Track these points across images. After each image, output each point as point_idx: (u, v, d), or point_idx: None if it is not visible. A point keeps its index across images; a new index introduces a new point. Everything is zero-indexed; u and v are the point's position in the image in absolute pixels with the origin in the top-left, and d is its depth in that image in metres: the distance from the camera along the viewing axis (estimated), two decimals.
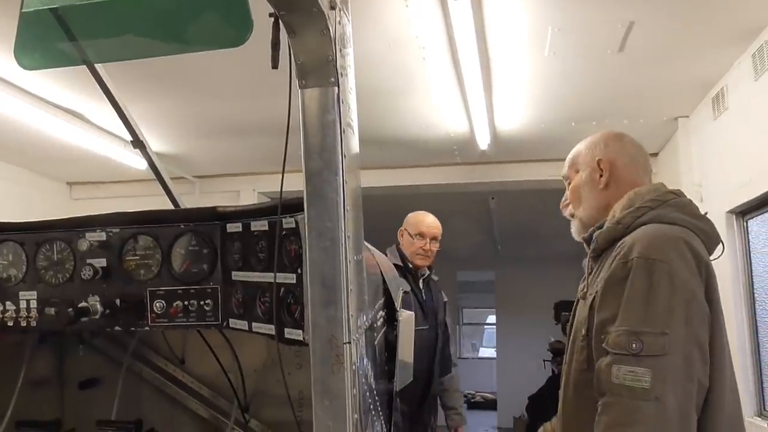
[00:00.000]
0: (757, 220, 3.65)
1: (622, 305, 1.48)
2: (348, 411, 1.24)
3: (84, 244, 1.71)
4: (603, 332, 1.50)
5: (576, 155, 1.86)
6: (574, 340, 1.66)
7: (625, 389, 1.42)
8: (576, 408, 1.63)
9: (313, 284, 1.24)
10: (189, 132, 4.90)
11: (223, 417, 2.37)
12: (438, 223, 3.46)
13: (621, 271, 1.51)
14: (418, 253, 3.36)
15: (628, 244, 1.54)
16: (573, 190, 1.84)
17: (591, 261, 1.72)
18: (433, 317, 3.36)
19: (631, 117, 4.46)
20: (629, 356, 1.43)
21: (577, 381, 1.62)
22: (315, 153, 1.26)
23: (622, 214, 1.65)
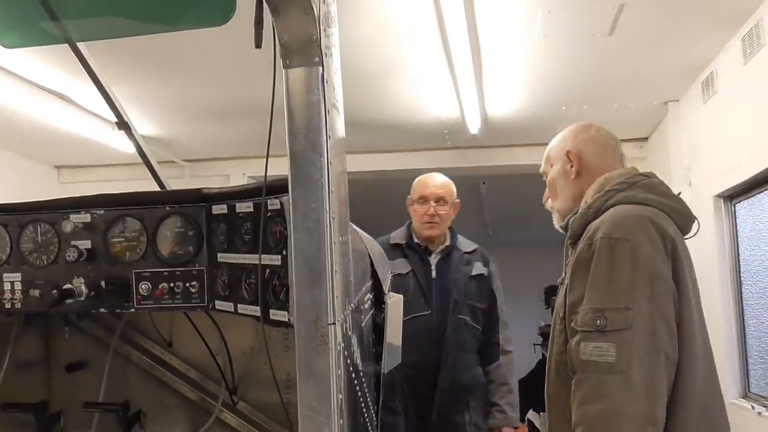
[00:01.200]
0: (745, 204, 3.68)
1: (587, 285, 1.52)
2: (333, 391, 1.25)
3: (68, 226, 1.70)
4: (573, 313, 1.55)
5: (549, 150, 1.94)
6: (553, 324, 1.72)
7: (592, 364, 1.46)
8: (557, 389, 1.67)
9: (298, 265, 1.24)
10: (178, 115, 4.87)
11: (211, 399, 2.37)
12: (444, 181, 2.95)
13: (586, 253, 1.56)
14: (424, 222, 2.88)
15: (594, 227, 1.58)
16: (550, 184, 1.92)
17: (569, 247, 1.76)
18: (443, 300, 2.85)
19: (621, 101, 4.46)
20: (594, 332, 1.47)
21: (558, 363, 1.66)
22: (299, 134, 1.25)
23: (593, 198, 1.70)
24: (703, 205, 4.00)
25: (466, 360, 2.82)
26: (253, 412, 2.38)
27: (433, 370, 2.77)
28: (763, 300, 3.43)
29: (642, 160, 5.30)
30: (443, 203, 2.87)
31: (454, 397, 2.79)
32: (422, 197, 2.88)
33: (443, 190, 2.89)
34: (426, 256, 2.90)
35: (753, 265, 3.57)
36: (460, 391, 2.79)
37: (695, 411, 1.52)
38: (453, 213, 2.94)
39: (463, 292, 2.84)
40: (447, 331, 2.79)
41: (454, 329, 2.80)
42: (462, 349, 2.81)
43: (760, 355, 3.50)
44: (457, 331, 2.80)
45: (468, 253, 2.94)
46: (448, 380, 2.77)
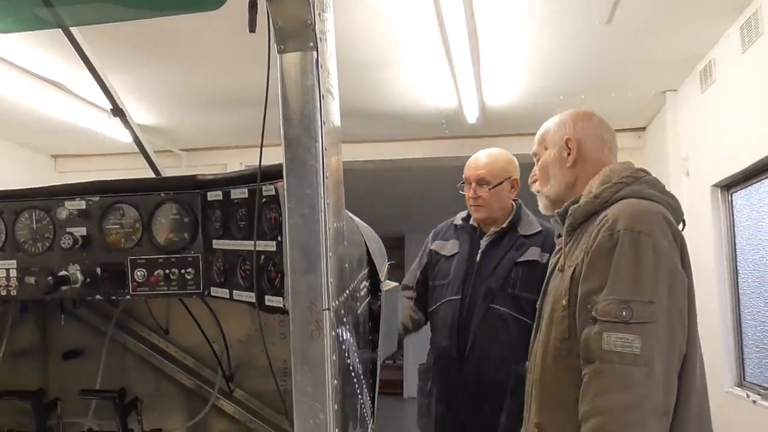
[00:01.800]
0: (742, 193, 3.68)
1: (610, 275, 1.53)
2: (327, 377, 1.25)
3: (63, 213, 1.70)
4: (589, 301, 1.55)
5: (545, 133, 1.91)
6: (552, 310, 1.71)
7: (616, 355, 1.47)
8: (556, 376, 1.68)
9: (293, 251, 1.24)
10: (175, 104, 4.85)
11: (208, 387, 2.38)
12: (488, 160, 2.69)
13: (608, 243, 1.56)
14: (470, 205, 2.69)
15: (612, 217, 1.59)
16: (542, 167, 1.90)
17: (566, 235, 1.76)
18: (479, 286, 2.61)
19: (619, 90, 4.45)
20: (619, 323, 1.48)
21: (558, 349, 1.66)
22: (294, 119, 1.24)
23: (600, 189, 1.71)
24: (701, 195, 4.00)
25: (500, 354, 2.52)
26: (249, 399, 2.39)
27: (457, 360, 2.60)
28: (760, 289, 3.44)
29: (640, 150, 5.30)
30: (484, 184, 2.63)
31: (485, 394, 2.54)
32: (465, 179, 2.71)
33: (484, 170, 2.64)
34: (477, 239, 2.70)
35: (749, 254, 3.58)
36: (491, 388, 2.52)
37: (696, 400, 1.55)
38: (506, 192, 2.67)
39: (501, 280, 2.57)
40: (474, 320, 2.58)
41: (483, 319, 2.56)
42: (494, 341, 2.54)
43: (755, 344, 3.52)
44: (487, 321, 2.55)
45: (527, 236, 2.63)
46: (475, 373, 2.56)
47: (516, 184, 2.70)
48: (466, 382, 2.58)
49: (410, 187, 7.54)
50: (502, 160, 2.71)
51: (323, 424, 1.25)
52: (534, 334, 1.87)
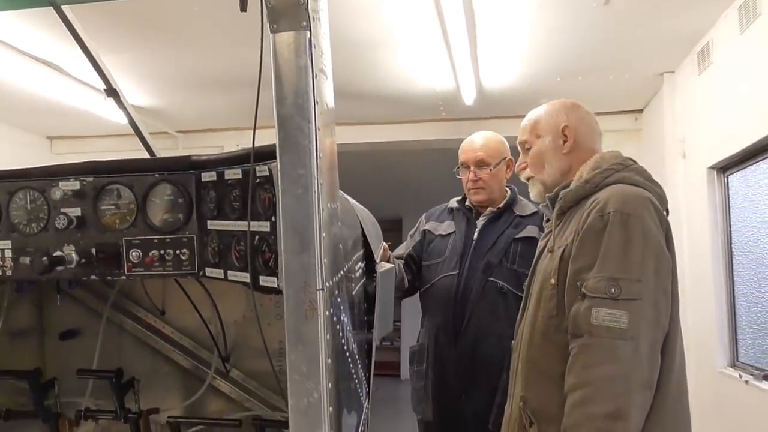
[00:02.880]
0: (738, 175, 3.68)
1: (600, 254, 1.60)
2: (321, 356, 1.26)
3: (57, 193, 1.69)
4: (578, 279, 1.62)
5: (536, 121, 1.96)
6: (541, 289, 1.78)
7: (604, 330, 1.53)
8: (543, 352, 1.74)
9: (286, 231, 1.24)
10: (171, 85, 4.83)
11: (204, 367, 2.40)
12: (485, 142, 2.70)
13: (598, 224, 1.62)
14: (469, 189, 2.71)
15: (603, 200, 1.66)
16: (535, 155, 1.94)
17: (556, 218, 1.83)
18: (477, 262, 2.61)
19: (616, 72, 4.43)
20: (607, 299, 1.55)
21: (546, 327, 1.73)
22: (287, 99, 1.24)
23: (591, 174, 1.79)
24: (697, 177, 4.01)
25: (498, 329, 2.50)
26: (246, 379, 2.41)
27: (453, 335, 2.60)
28: (754, 270, 3.46)
29: (637, 132, 5.29)
30: (484, 166, 2.65)
31: (480, 369, 2.54)
32: (463, 163, 2.72)
33: (483, 152, 2.66)
34: (474, 219, 2.73)
35: (744, 236, 3.59)
36: (486, 364, 2.53)
37: (675, 377, 1.64)
38: (503, 173, 2.71)
39: (501, 255, 2.58)
40: (472, 293, 2.58)
41: (482, 292, 2.56)
42: (492, 316, 2.54)
43: (749, 325, 3.55)
44: (485, 294, 2.56)
45: (523, 216, 2.67)
46: (470, 348, 2.56)
47: (511, 164, 2.71)
48: (461, 357, 2.59)
49: (407, 170, 7.53)
50: (496, 140, 2.74)
51: (317, 403, 1.26)
52: (521, 313, 1.93)
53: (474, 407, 2.57)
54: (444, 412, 2.64)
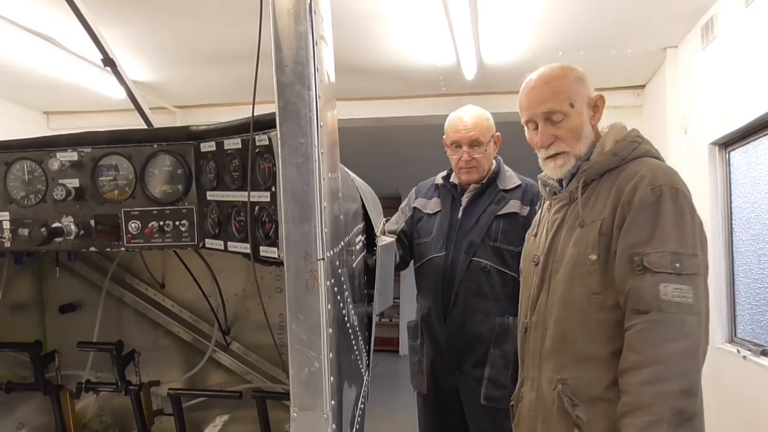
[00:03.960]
0: (739, 151, 3.66)
1: (656, 229, 1.58)
2: (322, 326, 1.26)
3: (55, 164, 1.68)
4: (635, 253, 1.58)
5: (566, 89, 1.77)
6: (575, 265, 1.70)
7: (674, 305, 1.52)
8: (584, 331, 1.67)
9: (287, 200, 1.23)
10: (169, 60, 4.77)
11: (205, 340, 2.40)
12: (476, 120, 2.62)
13: (650, 198, 1.60)
14: (460, 167, 2.65)
15: (648, 173, 1.64)
16: (573, 128, 1.77)
17: (579, 191, 1.76)
18: (462, 241, 2.63)
19: (619, 47, 4.38)
20: (672, 275, 1.54)
21: (587, 304, 1.66)
22: (287, 66, 1.22)
23: (617, 146, 1.75)
24: (698, 153, 3.98)
25: (485, 306, 2.56)
26: (246, 352, 2.42)
27: (442, 315, 2.63)
28: (754, 246, 3.45)
29: (638, 108, 5.25)
30: (478, 145, 2.60)
31: (470, 346, 2.59)
32: (455, 143, 2.64)
33: (476, 130, 2.59)
34: (459, 196, 2.71)
35: (745, 212, 3.58)
36: (475, 340, 2.57)
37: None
38: (494, 149, 2.67)
39: (483, 233, 2.58)
40: (457, 274, 2.60)
41: (466, 272, 2.58)
42: (477, 294, 2.57)
43: (747, 301, 3.55)
44: (470, 274, 2.57)
45: (506, 190, 2.64)
46: (459, 326, 2.59)
47: (498, 140, 2.71)
48: (451, 335, 2.62)
49: (406, 146, 7.49)
50: (485, 117, 2.68)
51: (318, 373, 1.26)
52: (536, 291, 1.83)
53: (466, 382, 2.60)
54: (437, 386, 2.68)
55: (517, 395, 1.96)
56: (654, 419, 1.47)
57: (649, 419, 1.47)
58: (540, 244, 1.87)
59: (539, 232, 1.93)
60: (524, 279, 1.96)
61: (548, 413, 1.73)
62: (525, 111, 1.84)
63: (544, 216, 1.94)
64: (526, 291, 1.91)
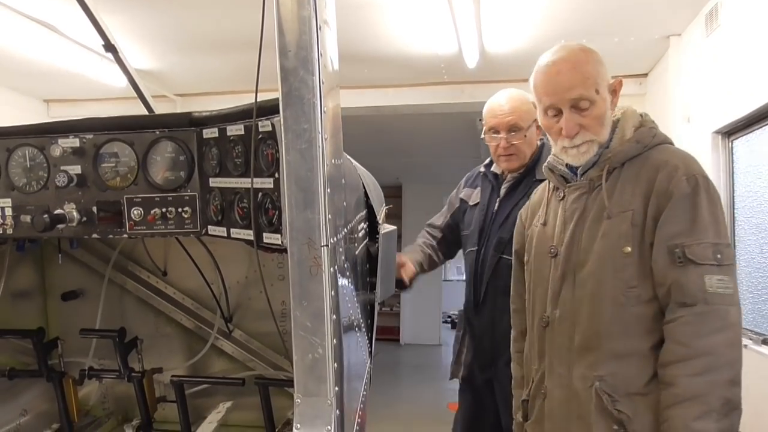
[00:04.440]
0: (742, 140, 3.65)
1: (695, 219, 1.56)
2: (326, 312, 1.26)
3: (57, 150, 1.67)
4: (675, 245, 1.56)
5: (592, 74, 1.67)
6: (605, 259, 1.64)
7: (718, 297, 1.53)
8: (622, 326, 1.63)
9: (290, 187, 1.23)
10: (170, 47, 4.75)
11: (207, 327, 2.41)
12: (514, 104, 2.48)
13: (686, 188, 1.58)
14: (499, 155, 2.52)
15: (680, 163, 1.63)
16: (598, 116, 1.69)
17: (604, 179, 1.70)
18: (492, 236, 2.54)
19: (622, 35, 4.36)
20: (714, 266, 1.54)
21: (623, 298, 1.62)
22: (290, 51, 1.21)
23: (638, 133, 1.72)
24: (702, 142, 3.97)
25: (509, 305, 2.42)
26: (248, 339, 2.42)
27: (474, 310, 2.60)
28: (756, 236, 3.45)
29: (641, 96, 5.23)
30: (517, 130, 2.46)
31: (500, 344, 2.45)
32: (491, 128, 2.51)
33: (514, 115, 2.46)
34: (498, 187, 2.59)
35: (747, 201, 3.57)
36: (505, 339, 2.40)
37: None
38: (534, 136, 2.52)
39: (512, 230, 2.34)
40: (486, 271, 2.53)
41: (494, 270, 2.49)
42: (504, 291, 2.38)
43: (749, 290, 3.55)
44: (497, 272, 2.47)
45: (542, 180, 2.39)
46: (489, 323, 2.52)
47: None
48: (483, 331, 2.59)
49: (407, 135, 7.46)
50: (526, 101, 2.50)
51: (322, 359, 1.26)
52: (557, 284, 1.75)
53: (501, 378, 2.51)
54: (471, 376, 2.68)
55: (536, 391, 1.86)
56: (705, 409, 1.48)
57: (701, 409, 1.48)
58: (556, 234, 1.79)
59: (548, 220, 1.84)
60: (537, 271, 1.86)
61: (585, 411, 1.67)
62: (548, 97, 1.72)
63: (552, 203, 1.86)
64: (542, 283, 1.82)
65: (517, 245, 2.06)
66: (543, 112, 1.77)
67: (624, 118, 1.75)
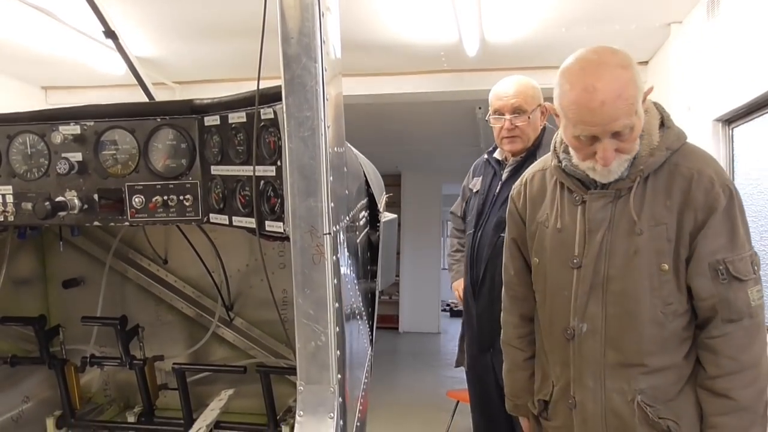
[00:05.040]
0: (743, 128, 3.64)
1: (735, 233, 1.56)
2: (329, 300, 1.26)
3: (58, 137, 1.67)
4: (717, 261, 1.55)
5: (634, 97, 1.52)
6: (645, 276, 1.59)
7: (759, 309, 1.57)
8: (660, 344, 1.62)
9: (293, 175, 1.23)
10: (169, 34, 4.71)
11: (208, 315, 2.41)
12: (519, 87, 2.54)
13: (723, 200, 1.56)
14: (503, 137, 2.55)
15: (713, 173, 1.59)
16: (636, 137, 1.58)
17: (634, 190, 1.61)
18: (492, 217, 2.57)
19: (623, 22, 4.33)
20: (753, 279, 1.57)
21: (663, 316, 1.60)
22: (292, 38, 1.20)
23: (667, 138, 1.63)
24: (702, 130, 3.96)
25: None
26: (249, 327, 2.43)
27: (472, 292, 2.63)
28: (756, 223, 3.45)
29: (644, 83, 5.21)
30: (521, 113, 2.50)
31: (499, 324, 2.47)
32: (496, 111, 2.56)
33: (518, 98, 2.51)
34: (500, 172, 2.62)
35: (747, 188, 3.57)
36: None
37: None
38: (539, 120, 2.56)
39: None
40: (484, 251, 2.55)
41: (493, 249, 2.51)
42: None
43: None
44: (495, 251, 2.47)
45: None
46: (488, 305, 2.52)
47: (546, 111, 2.59)
48: (481, 313, 2.60)
49: (407, 123, 7.44)
50: (531, 86, 2.58)
51: (325, 347, 1.27)
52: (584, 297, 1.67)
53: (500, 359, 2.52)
54: (474, 363, 2.71)
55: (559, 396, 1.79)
56: (754, 418, 1.57)
57: (751, 419, 1.56)
58: (577, 243, 1.69)
59: (565, 226, 1.72)
60: (554, 279, 1.76)
61: (625, 425, 1.65)
62: (586, 126, 1.55)
63: (567, 207, 1.73)
64: (561, 292, 1.73)
65: (516, 235, 1.95)
66: (574, 136, 1.60)
67: (647, 119, 1.63)
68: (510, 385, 2.01)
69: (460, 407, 4.90)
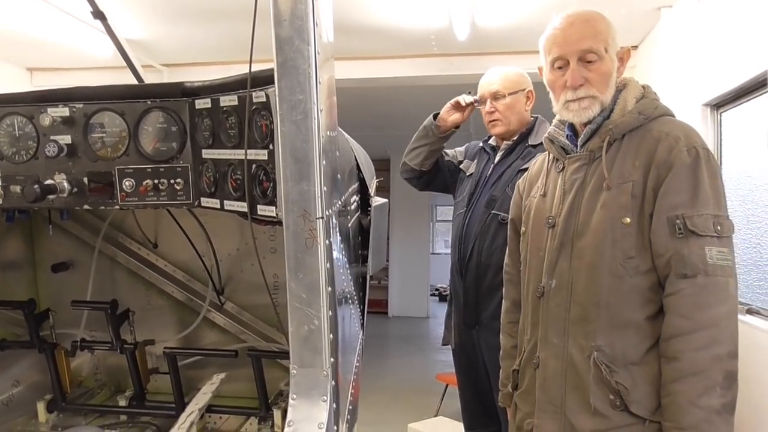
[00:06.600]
0: (731, 113, 3.67)
1: (697, 191, 1.57)
2: (322, 284, 1.26)
3: (46, 120, 1.65)
4: (676, 216, 1.56)
5: (604, 31, 1.70)
6: (605, 229, 1.64)
7: (719, 269, 1.53)
8: (620, 297, 1.63)
9: (285, 159, 1.22)
10: (157, 15, 4.65)
11: (199, 300, 2.41)
12: (500, 74, 2.67)
13: (687, 159, 1.58)
14: (488, 122, 2.71)
15: (681, 134, 1.62)
16: (605, 73, 1.69)
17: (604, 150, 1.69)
18: (483, 195, 2.64)
19: (613, 6, 4.32)
20: (714, 238, 1.54)
21: (623, 269, 1.62)
22: (285, 20, 1.20)
23: (641, 105, 1.71)
24: (691, 114, 3.98)
25: (498, 260, 2.42)
26: (240, 311, 2.43)
27: (460, 270, 2.68)
28: (742, 207, 3.49)
29: (632, 68, 5.21)
30: (500, 97, 2.63)
31: (485, 299, 2.59)
32: (481, 98, 2.69)
33: (497, 84, 2.64)
34: (493, 156, 2.73)
35: (734, 173, 3.60)
36: (490, 293, 2.56)
37: None
38: (522, 104, 2.67)
39: (505, 187, 2.55)
40: (474, 227, 2.61)
41: (483, 225, 2.58)
42: (491, 245, 2.55)
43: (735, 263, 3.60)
44: (486, 226, 2.57)
45: (535, 145, 2.61)
46: (474, 280, 2.61)
47: (531, 96, 2.69)
48: (467, 289, 2.64)
49: (396, 107, 7.42)
50: (513, 73, 2.71)
51: (317, 330, 1.27)
52: (554, 254, 1.74)
53: (485, 334, 2.59)
54: (461, 340, 2.74)
55: (527, 361, 1.85)
56: (709, 384, 1.49)
57: (705, 385, 1.49)
58: (554, 204, 1.78)
59: (548, 191, 1.83)
60: (533, 241, 1.85)
61: (581, 381, 1.66)
62: (557, 47, 1.72)
63: (552, 174, 1.85)
64: (538, 253, 1.81)
65: (514, 215, 2.06)
66: (550, 65, 1.76)
67: (627, 89, 1.74)
68: (500, 374, 2.04)
69: (449, 390, 4.94)
